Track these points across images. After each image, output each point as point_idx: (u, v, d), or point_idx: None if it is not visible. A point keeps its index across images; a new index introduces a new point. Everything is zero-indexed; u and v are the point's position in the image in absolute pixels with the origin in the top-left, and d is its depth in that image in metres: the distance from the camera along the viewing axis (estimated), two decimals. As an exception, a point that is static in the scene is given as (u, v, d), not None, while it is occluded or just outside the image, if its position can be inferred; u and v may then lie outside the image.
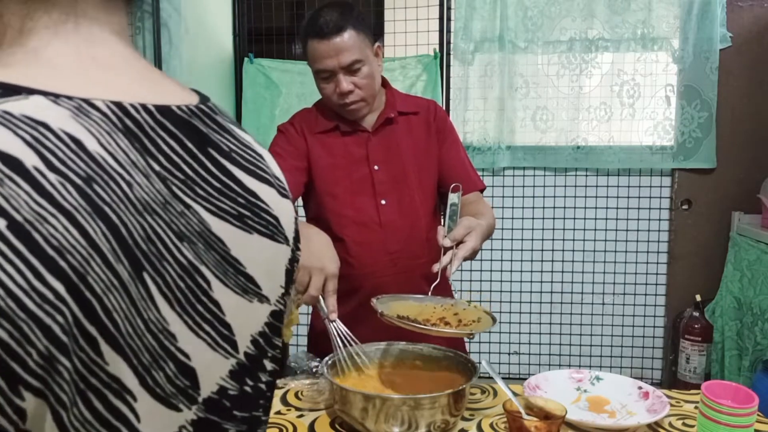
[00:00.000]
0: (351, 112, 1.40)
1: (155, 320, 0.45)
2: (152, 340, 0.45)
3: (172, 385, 0.48)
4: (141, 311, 0.44)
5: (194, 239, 0.48)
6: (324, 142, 1.44)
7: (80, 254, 0.39)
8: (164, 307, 0.46)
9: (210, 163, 0.51)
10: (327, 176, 1.42)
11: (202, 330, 0.50)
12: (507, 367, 3.09)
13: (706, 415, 0.96)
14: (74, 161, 0.39)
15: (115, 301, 0.41)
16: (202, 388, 0.51)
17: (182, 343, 0.48)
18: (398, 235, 1.41)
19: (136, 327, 0.43)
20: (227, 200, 0.52)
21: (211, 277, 0.50)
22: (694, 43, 2.77)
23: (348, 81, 1.35)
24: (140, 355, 0.44)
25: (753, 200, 2.63)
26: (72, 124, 0.40)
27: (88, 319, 0.39)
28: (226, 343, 0.53)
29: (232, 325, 0.53)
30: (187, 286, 0.48)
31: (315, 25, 1.32)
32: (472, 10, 2.89)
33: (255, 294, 0.55)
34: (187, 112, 0.50)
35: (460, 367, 1.16)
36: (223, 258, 0.51)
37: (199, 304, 0.49)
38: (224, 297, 0.51)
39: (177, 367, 0.48)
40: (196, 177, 0.49)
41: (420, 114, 1.49)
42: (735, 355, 2.53)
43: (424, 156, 1.46)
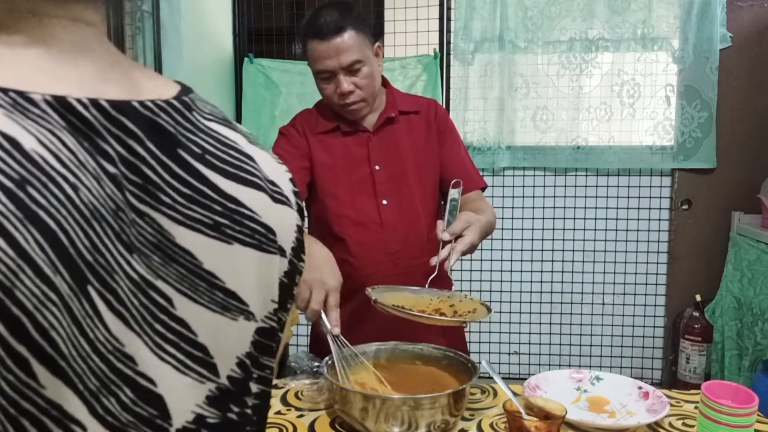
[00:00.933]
0: (351, 113, 1.40)
1: (103, 340, 0.40)
2: (100, 363, 0.40)
3: (129, 413, 0.42)
4: (85, 330, 0.38)
5: (147, 251, 0.43)
6: (325, 143, 1.44)
7: (6, 266, 0.34)
8: (116, 326, 0.40)
9: (177, 166, 0.45)
10: (328, 176, 1.42)
11: (164, 352, 0.44)
12: (507, 367, 3.09)
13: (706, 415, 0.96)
14: (6, 162, 0.35)
15: (51, 317, 0.36)
16: (174, 418, 0.45)
17: (143, 366, 0.42)
18: (399, 236, 1.41)
19: (80, 348, 0.38)
20: (199, 208, 0.46)
21: (172, 293, 0.44)
22: (694, 43, 2.77)
23: (348, 81, 1.35)
24: (85, 379, 0.39)
25: (753, 200, 2.63)
26: (5, 121, 0.36)
27: (16, 337, 0.34)
28: (200, 366, 0.47)
29: (209, 347, 0.47)
30: (141, 303, 0.42)
31: (315, 26, 1.32)
32: (472, 10, 2.89)
33: (240, 311, 0.49)
34: (152, 108, 0.44)
35: (460, 367, 1.16)
36: (190, 272, 0.45)
37: (157, 323, 0.43)
38: (194, 315, 0.46)
39: (136, 394, 0.42)
40: (159, 181, 0.43)
41: (421, 113, 1.48)
42: (735, 355, 2.53)
43: (424, 155, 1.46)
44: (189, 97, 0.49)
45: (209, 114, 0.50)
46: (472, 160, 1.54)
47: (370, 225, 1.40)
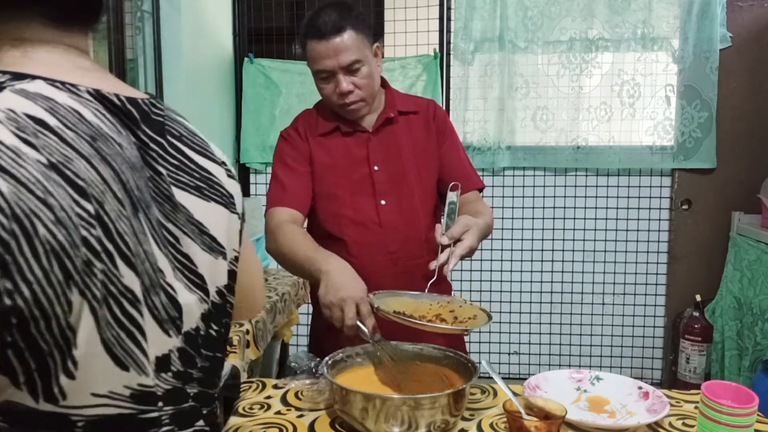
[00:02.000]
0: (351, 112, 1.40)
1: (150, 252, 0.57)
2: (149, 268, 0.57)
3: (165, 312, 0.59)
4: (140, 242, 0.56)
5: (161, 201, 0.61)
6: (325, 144, 1.44)
7: (99, 187, 0.52)
8: (154, 246, 0.58)
9: (168, 145, 0.63)
10: (327, 177, 1.42)
11: (182, 273, 0.62)
12: (507, 367, 3.09)
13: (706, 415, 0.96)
14: (81, 125, 0.53)
15: (125, 226, 0.54)
16: (184, 323, 0.63)
17: (169, 279, 0.60)
18: (398, 235, 1.41)
19: (139, 253, 0.55)
20: (185, 174, 0.65)
21: (178, 234, 0.62)
22: (694, 43, 2.77)
23: (347, 81, 1.35)
24: (143, 277, 0.56)
25: (753, 200, 2.63)
26: (71, 100, 0.54)
27: (107, 237, 0.52)
28: (200, 290, 0.65)
29: (204, 276, 0.65)
30: (163, 236, 0.60)
31: (314, 26, 1.32)
32: (472, 10, 2.89)
33: (219, 252, 0.67)
34: (147, 103, 0.62)
35: (460, 367, 1.16)
36: (188, 220, 0.64)
37: (174, 251, 0.61)
38: (193, 251, 0.64)
39: (168, 298, 0.60)
40: (162, 153, 0.62)
41: (420, 113, 1.49)
42: (735, 355, 2.53)
43: (423, 155, 1.46)
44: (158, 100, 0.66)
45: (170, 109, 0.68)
46: (470, 161, 1.54)
47: (370, 225, 1.40)
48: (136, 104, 0.60)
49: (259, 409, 1.13)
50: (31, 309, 0.46)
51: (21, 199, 0.46)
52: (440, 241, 1.19)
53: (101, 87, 0.58)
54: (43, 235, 0.47)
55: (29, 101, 0.51)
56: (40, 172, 0.48)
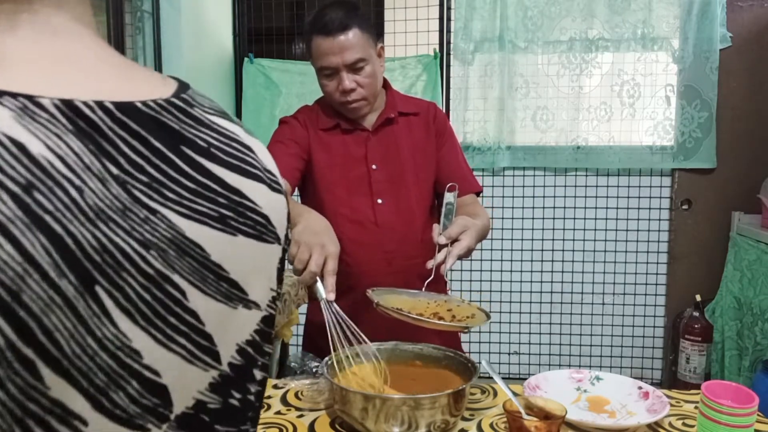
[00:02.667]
0: (352, 111, 1.40)
1: (112, 337, 0.41)
2: (108, 359, 0.42)
3: (137, 405, 0.44)
4: (92, 329, 0.40)
5: (163, 246, 0.44)
6: (324, 140, 1.45)
7: (13, 270, 0.35)
8: (123, 323, 0.42)
9: (183, 162, 0.46)
10: (325, 174, 1.43)
11: (175, 343, 0.46)
12: (507, 367, 3.09)
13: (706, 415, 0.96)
14: (14, 167, 0.36)
15: (56, 320, 0.38)
16: (174, 405, 0.47)
17: (149, 359, 0.44)
18: (394, 235, 1.41)
19: (86, 347, 0.40)
20: (205, 201, 0.47)
21: (185, 285, 0.46)
22: (694, 43, 2.77)
23: (350, 79, 1.35)
24: (92, 376, 0.41)
25: (753, 200, 2.63)
26: (15, 126, 0.37)
27: (24, 341, 0.36)
28: (205, 354, 0.49)
29: (213, 335, 0.49)
30: (155, 297, 0.44)
31: (320, 22, 1.33)
32: (472, 10, 2.89)
33: (240, 300, 0.51)
34: (155, 107, 0.46)
35: (460, 367, 1.16)
36: (201, 264, 0.47)
37: (171, 315, 0.45)
38: (203, 305, 0.48)
39: (142, 386, 0.44)
40: (164, 179, 0.45)
41: (420, 115, 1.49)
42: (735, 355, 2.53)
43: (422, 157, 1.46)
44: (188, 94, 0.50)
45: (209, 108, 0.51)
46: (468, 164, 1.55)
47: (366, 224, 1.41)
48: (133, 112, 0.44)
49: (259, 409, 1.13)
50: None
51: None
52: (437, 241, 1.19)
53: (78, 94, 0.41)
54: None
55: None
56: None
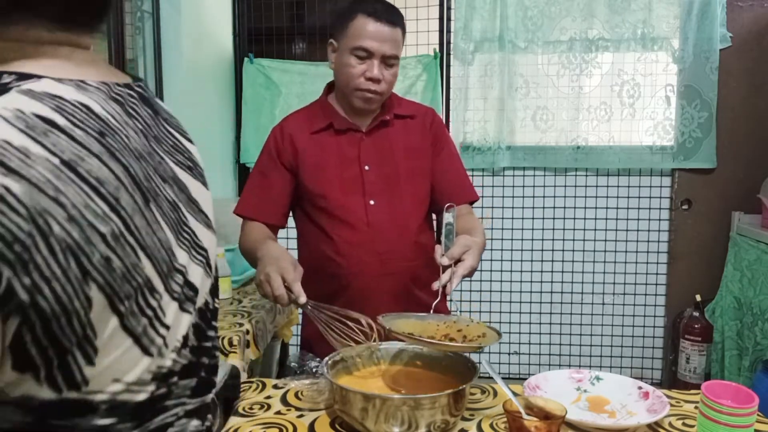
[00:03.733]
0: (366, 101, 1.40)
1: (164, 239, 0.60)
2: (165, 255, 0.60)
3: (182, 293, 0.63)
4: (155, 231, 0.58)
5: (171, 183, 0.64)
6: (316, 142, 1.44)
7: (112, 185, 0.53)
8: (167, 231, 0.61)
9: (162, 127, 0.66)
10: (317, 176, 1.42)
11: (190, 251, 0.65)
12: (507, 367, 3.09)
13: (706, 415, 0.96)
14: (89, 121, 0.54)
15: (139, 220, 0.56)
16: (198, 300, 0.66)
17: (182, 260, 0.63)
18: (387, 236, 1.40)
19: (155, 242, 0.58)
20: (180, 155, 0.68)
21: (185, 211, 0.66)
22: (694, 43, 2.77)
23: (380, 69, 1.36)
24: (160, 265, 0.59)
25: (753, 200, 2.63)
26: (78, 95, 0.55)
27: (127, 231, 0.54)
28: (206, 264, 0.69)
29: (208, 251, 0.70)
30: (176, 217, 0.63)
31: (371, 6, 1.35)
32: (472, 10, 2.89)
33: (211, 228, 0.72)
34: (139, 89, 0.66)
35: (460, 367, 1.16)
36: (188, 198, 0.67)
37: (184, 231, 0.64)
38: (197, 228, 0.68)
39: (183, 280, 0.63)
40: (160, 136, 0.65)
41: (417, 118, 1.49)
42: (735, 355, 2.53)
43: (416, 159, 1.46)
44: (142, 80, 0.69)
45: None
46: (466, 172, 1.55)
47: (358, 225, 1.40)
48: (132, 89, 0.64)
49: (259, 409, 1.13)
50: (51, 306, 0.48)
51: (34, 199, 0.47)
52: (441, 262, 1.19)
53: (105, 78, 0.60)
54: (58, 232, 0.48)
55: (36, 101, 0.51)
56: (50, 171, 0.48)
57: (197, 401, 0.68)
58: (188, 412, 0.67)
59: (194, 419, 0.68)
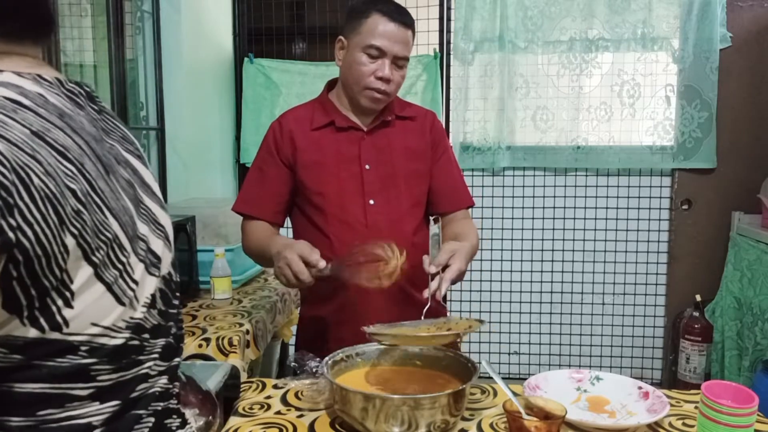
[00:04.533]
0: (373, 100, 1.40)
1: (127, 207, 0.68)
2: (129, 220, 0.68)
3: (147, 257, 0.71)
4: (117, 198, 0.67)
5: (124, 165, 0.73)
6: (316, 139, 1.44)
7: (76, 152, 0.62)
8: (128, 201, 0.69)
9: (109, 121, 0.76)
10: (316, 174, 1.42)
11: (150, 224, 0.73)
12: (507, 367, 3.09)
13: (706, 415, 0.96)
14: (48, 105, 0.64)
15: (103, 184, 0.65)
16: (162, 268, 0.75)
17: (142, 230, 0.71)
18: (383, 237, 1.39)
19: (119, 206, 0.66)
20: (127, 143, 0.78)
21: (140, 191, 0.74)
22: (694, 43, 2.77)
23: (391, 70, 1.37)
24: (126, 227, 0.67)
25: (753, 200, 2.63)
26: (36, 87, 0.65)
27: (93, 191, 0.62)
28: (165, 239, 0.77)
29: (166, 228, 0.78)
30: (133, 193, 0.71)
31: (387, 5, 1.36)
32: (472, 10, 2.89)
33: (166, 210, 0.80)
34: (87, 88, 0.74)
35: (460, 367, 1.16)
36: (142, 181, 0.76)
37: (142, 207, 0.73)
38: (153, 207, 0.76)
39: (146, 246, 0.71)
40: (108, 128, 0.75)
41: (417, 120, 1.49)
42: (735, 355, 2.53)
43: (416, 161, 1.46)
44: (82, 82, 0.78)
45: None
46: (463, 177, 1.55)
47: (355, 225, 1.40)
48: (81, 87, 0.73)
49: (259, 409, 1.13)
50: (33, 247, 0.56)
51: (14, 155, 0.55)
52: (428, 270, 1.20)
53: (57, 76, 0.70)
54: (37, 183, 0.56)
55: (3, 87, 0.62)
56: (26, 135, 0.58)
57: (165, 364, 0.77)
58: (160, 371, 0.75)
59: (163, 377, 0.76)
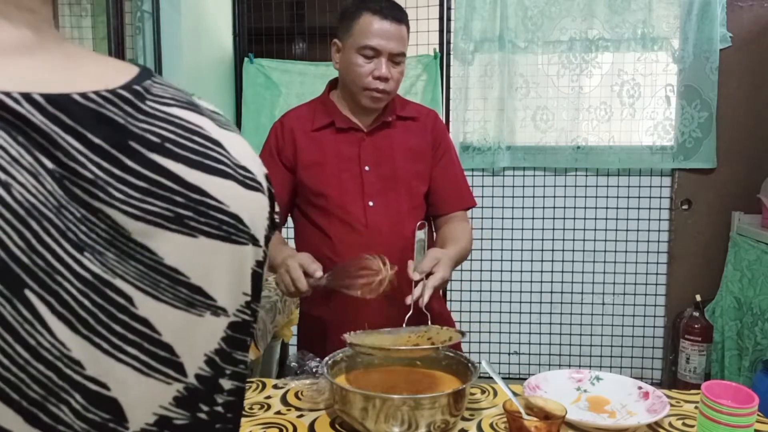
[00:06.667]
0: (373, 99, 1.39)
1: (48, 346, 0.38)
2: (45, 370, 0.38)
3: (82, 419, 0.41)
4: (24, 337, 0.37)
5: (101, 249, 0.41)
6: (316, 140, 1.44)
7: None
8: (61, 330, 0.39)
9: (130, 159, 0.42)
10: (317, 175, 1.42)
11: (124, 353, 0.42)
12: (507, 367, 3.09)
13: (706, 415, 0.96)
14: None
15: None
16: (130, 421, 0.44)
17: (93, 371, 0.41)
18: (382, 238, 1.40)
19: (15, 356, 0.37)
20: (159, 201, 0.43)
21: (132, 291, 0.42)
22: (694, 43, 2.77)
23: (388, 68, 1.37)
24: (24, 388, 0.37)
25: (753, 200, 2.63)
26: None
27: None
28: (164, 366, 0.45)
29: (174, 346, 0.45)
30: (95, 303, 0.41)
31: (378, 4, 1.35)
32: (472, 10, 2.89)
33: (206, 306, 0.46)
34: (96, 100, 0.41)
35: (460, 367, 1.16)
36: (150, 268, 0.43)
37: (116, 323, 0.42)
38: (157, 313, 0.44)
39: (87, 399, 0.41)
40: (108, 177, 0.41)
41: (418, 120, 1.49)
42: (735, 355, 2.53)
43: (416, 162, 1.46)
44: (143, 85, 0.45)
45: (170, 99, 0.46)
46: (465, 178, 1.55)
47: (356, 225, 1.40)
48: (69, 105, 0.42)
49: (259, 409, 1.13)
50: None
51: None
52: (412, 277, 1.21)
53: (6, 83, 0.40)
54: None
55: None
56: None
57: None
58: None
59: None
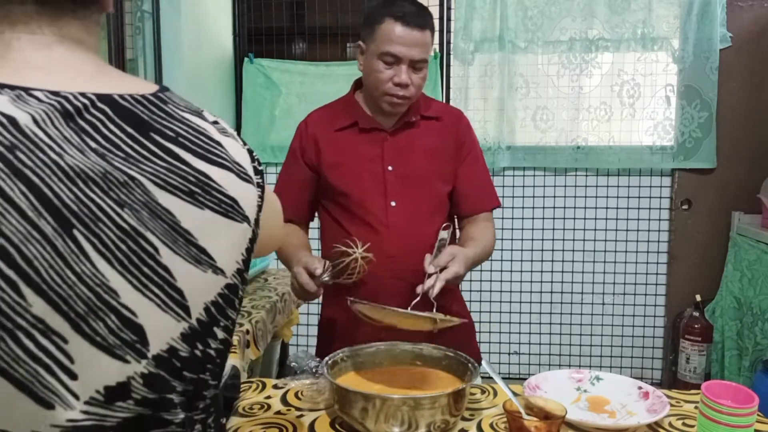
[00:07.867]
0: (393, 105, 1.39)
1: (90, 274, 0.50)
2: (87, 292, 0.50)
3: (115, 336, 0.52)
4: (71, 264, 0.49)
5: (137, 207, 0.53)
6: (339, 140, 1.44)
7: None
8: (101, 264, 0.51)
9: (153, 145, 0.56)
10: (340, 174, 1.42)
11: (150, 291, 0.54)
12: (507, 367, 3.09)
13: (706, 415, 0.96)
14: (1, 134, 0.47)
15: (35, 250, 0.47)
16: (151, 345, 0.55)
17: (126, 299, 0.52)
18: (401, 239, 1.39)
19: (65, 277, 0.48)
20: (176, 177, 0.56)
21: (158, 243, 0.54)
22: (694, 43, 2.77)
23: (409, 74, 1.35)
24: (72, 303, 0.49)
25: (753, 200, 2.63)
26: (8, 106, 0.48)
27: (6, 263, 0.45)
28: (177, 306, 0.57)
29: (184, 291, 0.57)
30: (130, 248, 0.52)
31: (400, 9, 1.33)
32: (472, 10, 2.89)
33: (209, 265, 0.59)
34: (130, 100, 0.56)
35: (460, 367, 1.16)
36: (172, 228, 0.55)
37: (145, 266, 0.54)
38: (174, 263, 0.56)
39: (121, 321, 0.52)
40: (138, 156, 0.54)
41: (443, 120, 1.47)
42: (735, 355, 2.53)
43: (439, 162, 1.44)
44: (165, 95, 0.60)
45: (184, 107, 0.61)
46: (490, 178, 1.54)
47: (378, 225, 1.39)
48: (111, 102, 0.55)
49: (259, 409, 1.13)
50: None
51: None
52: (427, 270, 1.23)
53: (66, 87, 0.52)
54: None
55: None
56: None
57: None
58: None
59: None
